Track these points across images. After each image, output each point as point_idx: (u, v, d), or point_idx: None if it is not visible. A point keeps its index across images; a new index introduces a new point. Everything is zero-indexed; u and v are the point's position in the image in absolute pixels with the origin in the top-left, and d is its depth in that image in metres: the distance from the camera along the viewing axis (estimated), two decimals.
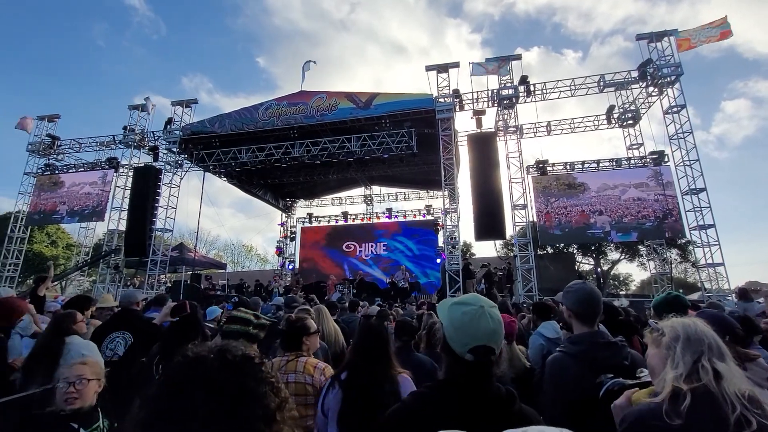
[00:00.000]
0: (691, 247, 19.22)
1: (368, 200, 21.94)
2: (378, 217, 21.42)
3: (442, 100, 12.73)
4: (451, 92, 12.85)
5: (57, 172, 16.28)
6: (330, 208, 22.45)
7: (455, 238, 12.60)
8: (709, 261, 11.19)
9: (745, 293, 5.31)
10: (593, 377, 1.54)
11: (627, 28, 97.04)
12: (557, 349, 1.88)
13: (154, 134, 15.54)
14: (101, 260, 15.33)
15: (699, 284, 13.56)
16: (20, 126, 16.10)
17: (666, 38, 12.05)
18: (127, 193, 15.10)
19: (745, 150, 73.89)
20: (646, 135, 13.96)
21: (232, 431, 0.61)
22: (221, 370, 0.65)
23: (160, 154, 15.17)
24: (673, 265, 17.73)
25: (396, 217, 20.94)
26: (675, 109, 11.89)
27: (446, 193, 13.00)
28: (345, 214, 21.39)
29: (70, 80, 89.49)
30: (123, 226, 14.86)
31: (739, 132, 75.71)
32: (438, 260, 17.36)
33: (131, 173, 15.23)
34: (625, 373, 1.46)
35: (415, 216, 20.69)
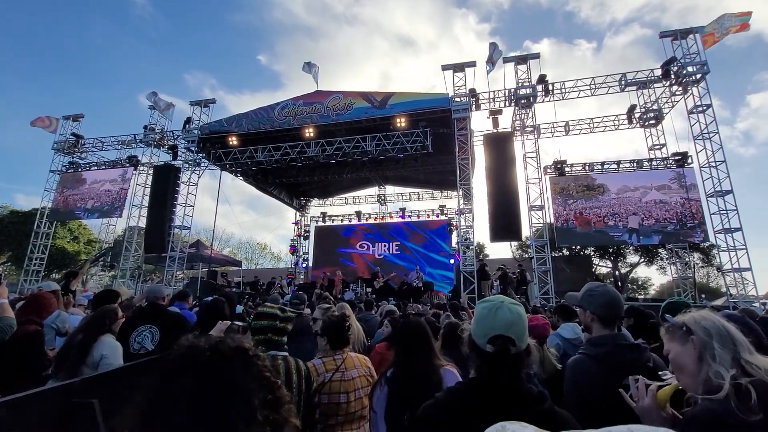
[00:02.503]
0: (714, 251, 18.67)
1: (382, 200, 21.96)
2: (391, 217, 21.44)
3: (458, 99, 12.64)
4: (467, 91, 12.75)
5: (80, 169, 16.76)
6: (343, 208, 22.60)
7: (469, 238, 12.50)
8: (735, 265, 10.84)
9: None
10: (615, 379, 1.52)
11: (644, 16, 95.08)
12: (579, 351, 1.86)
13: (173, 133, 15.86)
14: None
15: (722, 289, 13.17)
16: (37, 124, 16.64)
17: (691, 35, 11.73)
18: (147, 190, 15.45)
19: None
20: (668, 131, 13.55)
21: (214, 422, 0.61)
22: (213, 360, 0.65)
23: (179, 153, 15.48)
24: (695, 269, 17.24)
25: (409, 217, 20.92)
26: (700, 109, 11.54)
27: (461, 193, 12.91)
28: (358, 214, 21.47)
29: (73, 78, 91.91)
30: (142, 223, 15.20)
31: (766, 127, 73.31)
32: (451, 261, 17.26)
33: (151, 171, 15.57)
34: (649, 374, 1.44)
35: (428, 216, 20.62)
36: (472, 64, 12.83)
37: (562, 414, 1.12)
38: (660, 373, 1.42)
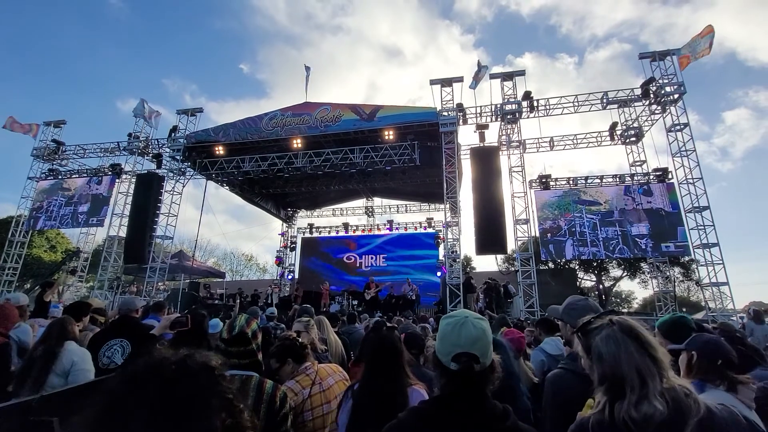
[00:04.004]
0: (694, 266, 19.09)
1: (369, 212, 21.94)
2: (379, 229, 21.39)
3: (445, 113, 12.81)
4: (454, 106, 12.94)
5: (60, 177, 16.33)
6: (331, 219, 22.52)
7: (456, 251, 12.53)
8: (713, 280, 11.08)
9: (759, 315, 5.16)
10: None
11: (622, 32, 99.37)
12: (558, 365, 1.85)
13: (158, 141, 15.64)
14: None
15: (702, 303, 13.42)
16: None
17: (668, 57, 12.21)
18: (129, 199, 15.10)
19: (749, 161, 74.57)
20: (648, 145, 13.96)
21: None
22: (178, 374, 0.64)
23: (164, 162, 15.24)
24: (675, 284, 17.58)
25: (397, 229, 20.91)
26: (678, 127, 11.95)
27: (448, 206, 12.98)
28: (346, 226, 21.40)
29: (47, 81, 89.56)
30: (123, 232, 14.82)
31: (741, 143, 76.36)
32: (438, 273, 17.24)
33: (134, 179, 15.27)
34: None
35: (416, 228, 20.65)
36: (460, 79, 13.07)
37: (524, 429, 1.12)
38: None
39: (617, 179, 13.05)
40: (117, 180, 15.57)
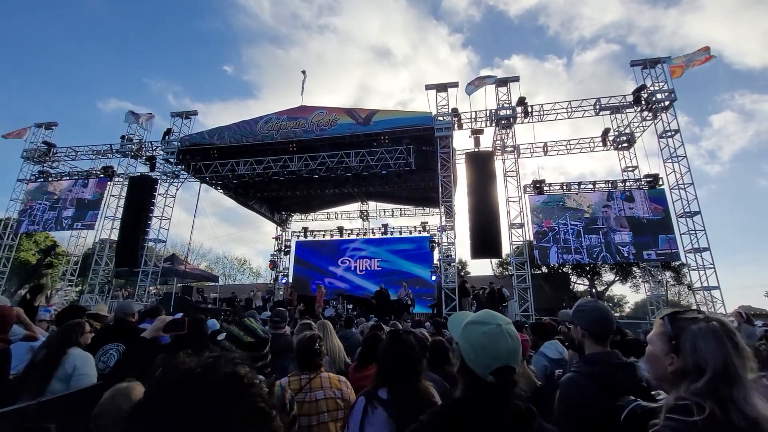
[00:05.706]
0: (685, 270, 19.34)
1: (364, 216, 21.91)
2: (374, 233, 21.37)
3: (441, 118, 12.89)
4: (449, 111, 13.03)
5: (51, 179, 16.08)
6: (326, 223, 22.44)
7: (451, 255, 12.56)
8: (705, 284, 11.23)
9: (750, 318, 5.29)
10: (610, 399, 1.49)
11: (609, 33, 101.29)
12: (572, 369, 1.84)
13: (152, 144, 15.50)
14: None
15: (693, 307, 13.53)
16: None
17: (660, 65, 12.43)
18: (121, 202, 14.94)
19: (736, 163, 76.02)
20: (640, 150, 14.11)
21: None
22: (207, 387, 0.59)
23: (157, 164, 15.10)
24: (667, 288, 17.77)
25: (392, 233, 20.90)
26: (669, 134, 12.14)
27: (443, 210, 13.01)
28: (340, 229, 21.34)
29: (28, 82, 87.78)
30: (115, 236, 14.62)
31: (728, 146, 77.83)
32: (433, 277, 17.25)
33: (126, 182, 15.10)
34: (643, 395, 1.41)
35: (410, 233, 20.66)
36: (455, 84, 13.17)
37: (550, 430, 1.10)
38: (653, 393, 1.40)
39: (610, 185, 13.19)
40: (108, 182, 15.37)
